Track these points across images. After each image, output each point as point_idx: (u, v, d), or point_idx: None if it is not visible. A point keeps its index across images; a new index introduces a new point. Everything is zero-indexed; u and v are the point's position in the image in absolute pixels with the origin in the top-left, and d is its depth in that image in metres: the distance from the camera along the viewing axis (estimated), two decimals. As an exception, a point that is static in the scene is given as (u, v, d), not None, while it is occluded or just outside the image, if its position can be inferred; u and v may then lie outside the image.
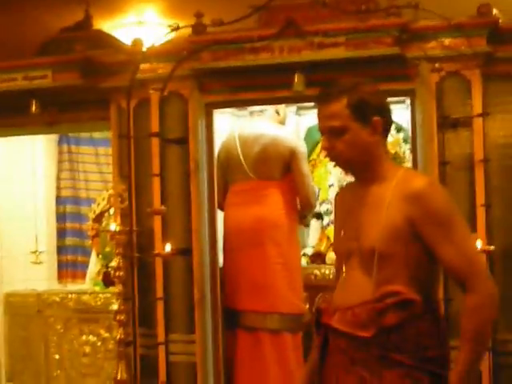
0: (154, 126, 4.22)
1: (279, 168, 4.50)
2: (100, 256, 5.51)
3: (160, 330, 4.18)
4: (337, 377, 2.39)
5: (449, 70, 3.86)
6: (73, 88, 4.38)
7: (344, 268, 2.50)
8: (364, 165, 2.42)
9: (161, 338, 4.17)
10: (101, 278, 5.37)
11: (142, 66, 4.18)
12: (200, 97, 4.18)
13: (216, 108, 4.26)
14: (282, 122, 4.72)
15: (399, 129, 5.03)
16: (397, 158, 4.88)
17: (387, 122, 2.44)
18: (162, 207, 4.14)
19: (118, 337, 4.21)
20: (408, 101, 4.19)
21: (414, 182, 2.33)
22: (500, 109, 3.89)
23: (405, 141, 5.06)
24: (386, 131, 2.46)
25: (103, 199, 5.71)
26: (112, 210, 5.41)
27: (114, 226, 4.23)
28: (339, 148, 2.39)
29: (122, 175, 4.36)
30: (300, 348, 4.41)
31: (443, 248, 2.27)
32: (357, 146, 2.38)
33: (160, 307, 4.17)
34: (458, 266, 2.27)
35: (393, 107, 2.48)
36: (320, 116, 2.43)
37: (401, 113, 4.53)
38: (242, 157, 4.51)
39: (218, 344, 4.20)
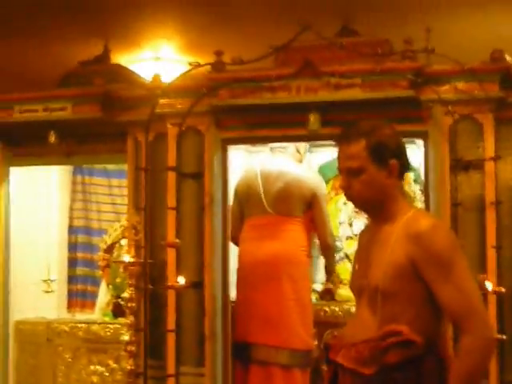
0: (171, 160, 4.29)
1: (299, 206, 4.54)
2: (110, 286, 5.54)
3: (170, 361, 4.21)
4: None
5: (462, 114, 3.93)
6: (91, 120, 4.48)
7: (356, 304, 2.57)
8: (379, 205, 2.47)
9: (171, 370, 4.20)
10: (110, 308, 5.40)
11: (161, 101, 4.27)
12: (216, 132, 4.27)
13: (232, 144, 4.34)
14: (301, 161, 4.78)
15: (410, 168, 5.09)
16: (407, 197, 4.94)
17: (404, 165, 2.51)
18: (177, 240, 4.20)
19: (129, 368, 4.24)
20: (418, 141, 4.26)
21: (418, 223, 2.37)
22: (511, 152, 3.97)
23: (415, 180, 5.12)
24: (403, 173, 2.53)
25: (115, 230, 5.75)
26: (123, 241, 5.47)
27: (127, 258, 4.28)
28: (356, 188, 2.45)
29: (136, 207, 4.42)
30: (308, 384, 4.44)
31: (442, 289, 2.29)
32: (373, 187, 2.44)
33: (171, 339, 4.20)
34: (455, 309, 2.28)
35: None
36: (339, 156, 2.50)
37: (411, 152, 4.59)
38: (262, 192, 4.54)
39: (228, 377, 4.23)
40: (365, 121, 2.55)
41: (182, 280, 4.08)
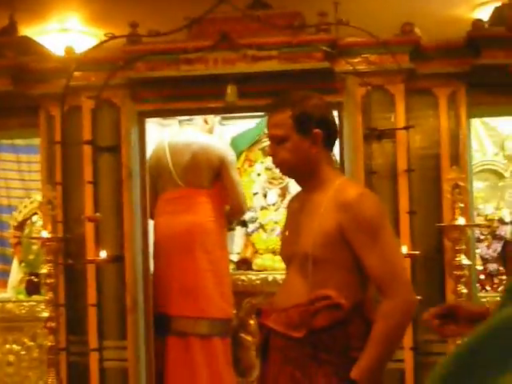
0: (87, 134, 4.24)
1: (209, 176, 4.58)
2: (23, 264, 5.44)
3: (92, 336, 4.19)
4: (274, 374, 2.53)
5: (374, 85, 4.05)
6: (1, 94, 4.35)
7: (286, 271, 2.66)
8: (305, 173, 2.57)
9: (93, 344, 4.18)
10: (24, 286, 5.31)
11: (74, 74, 4.19)
12: (132, 105, 4.23)
13: (149, 117, 4.32)
14: (211, 131, 4.80)
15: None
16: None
17: (329, 135, 2.60)
18: (97, 214, 4.16)
19: (49, 344, 4.20)
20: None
21: (346, 192, 2.48)
22: (421, 122, 4.12)
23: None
24: (329, 143, 2.62)
25: (25, 207, 5.63)
26: (35, 218, 5.38)
27: (45, 233, 4.22)
28: (281, 155, 2.56)
29: (51, 182, 4.35)
30: (229, 352, 4.51)
31: (368, 256, 2.41)
32: (297, 155, 2.54)
33: (92, 314, 4.18)
34: (379, 275, 2.41)
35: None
36: (267, 124, 2.60)
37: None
38: (171, 165, 4.57)
39: (150, 350, 4.25)
40: (295, 91, 2.64)
41: (103, 254, 4.05)
